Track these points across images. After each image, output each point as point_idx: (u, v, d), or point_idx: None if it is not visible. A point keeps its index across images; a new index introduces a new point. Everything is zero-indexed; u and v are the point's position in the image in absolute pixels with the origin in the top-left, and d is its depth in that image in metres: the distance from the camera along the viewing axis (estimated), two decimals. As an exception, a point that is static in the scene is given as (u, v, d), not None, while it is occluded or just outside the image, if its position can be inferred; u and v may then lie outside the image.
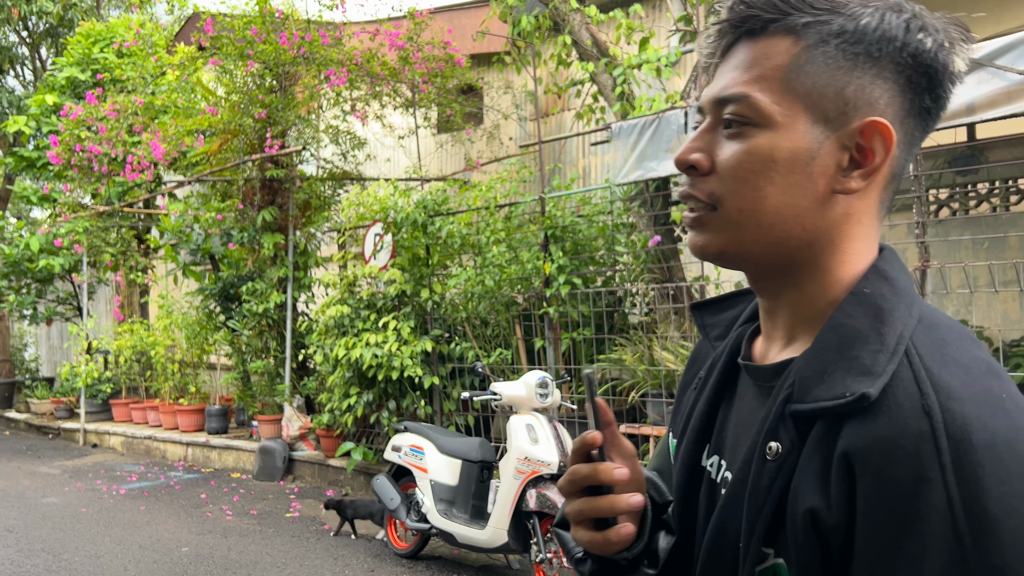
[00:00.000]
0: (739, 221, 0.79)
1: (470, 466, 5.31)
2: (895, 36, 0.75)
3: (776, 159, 0.77)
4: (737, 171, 0.78)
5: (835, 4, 0.76)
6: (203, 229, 9.70)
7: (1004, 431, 0.64)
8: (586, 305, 6.73)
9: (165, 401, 10.73)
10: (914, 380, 0.68)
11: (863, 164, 0.77)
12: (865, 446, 0.67)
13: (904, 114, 0.78)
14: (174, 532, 6.49)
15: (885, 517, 0.65)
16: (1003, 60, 4.44)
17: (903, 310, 0.75)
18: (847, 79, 0.76)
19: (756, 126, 0.78)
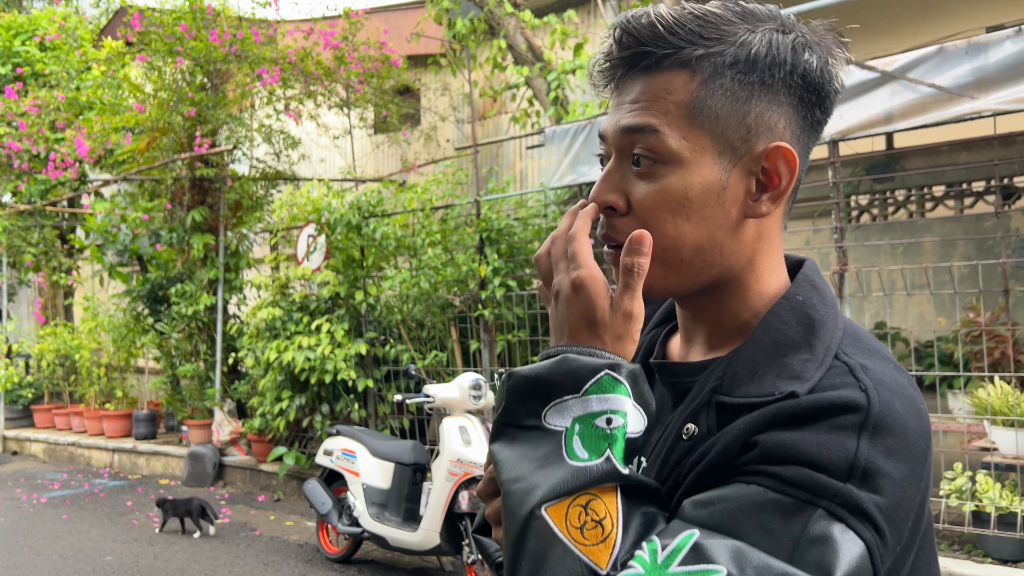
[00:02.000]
0: (662, 259, 0.81)
1: (403, 469, 5.30)
2: (784, 60, 0.78)
3: (690, 197, 0.79)
4: (654, 211, 0.80)
5: (724, 32, 0.78)
6: (130, 229, 9.43)
7: (914, 429, 0.72)
8: (521, 307, 6.78)
9: (90, 406, 10.39)
10: (848, 372, 0.74)
11: (770, 187, 0.81)
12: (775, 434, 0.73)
13: (800, 132, 0.81)
14: (97, 541, 6.30)
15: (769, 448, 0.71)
16: (916, 73, 4.64)
17: (831, 322, 0.80)
18: (746, 108, 0.79)
19: (666, 164, 0.79)
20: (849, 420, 0.70)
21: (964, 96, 4.51)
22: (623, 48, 0.81)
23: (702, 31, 0.78)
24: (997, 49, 4.45)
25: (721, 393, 0.78)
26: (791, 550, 0.66)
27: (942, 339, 5.68)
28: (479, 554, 4.46)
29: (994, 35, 4.54)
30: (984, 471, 4.54)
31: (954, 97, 4.55)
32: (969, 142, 6.35)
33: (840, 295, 5.01)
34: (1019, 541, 4.35)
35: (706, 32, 0.78)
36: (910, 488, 0.70)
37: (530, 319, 6.95)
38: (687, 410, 0.81)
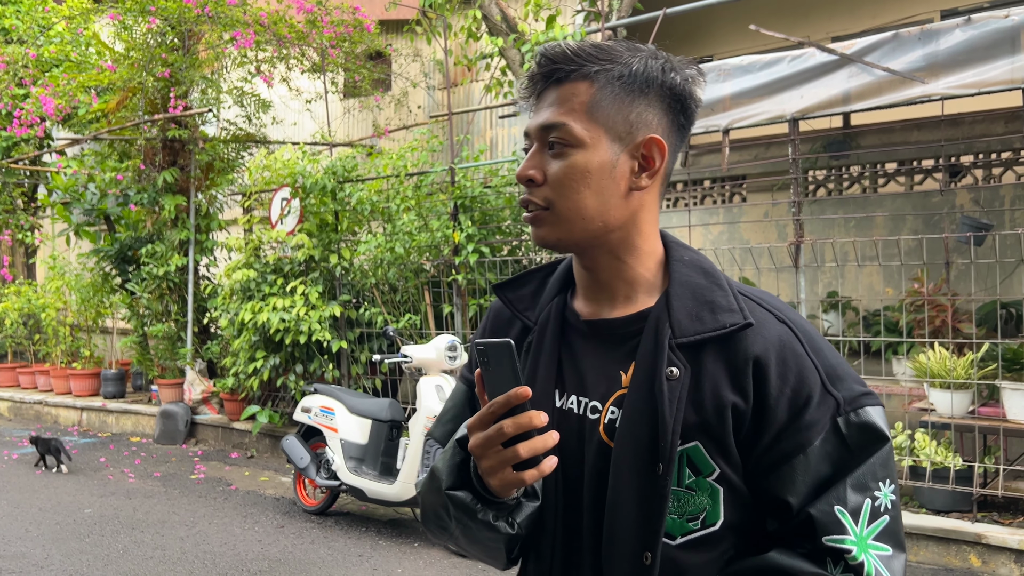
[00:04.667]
0: (568, 217, 1.07)
1: (380, 425, 5.53)
2: (656, 76, 1.07)
3: (589, 170, 1.06)
4: (563, 180, 1.06)
5: (613, 55, 1.06)
6: (99, 189, 9.40)
7: (806, 324, 1.07)
8: (493, 273, 7.00)
9: (56, 365, 10.40)
10: (758, 306, 1.06)
11: (647, 168, 1.08)
12: (765, 351, 1.01)
13: (669, 130, 1.09)
14: (74, 495, 6.44)
15: (792, 387, 1.00)
16: (872, 57, 4.92)
17: (705, 264, 1.12)
18: (629, 108, 1.06)
19: (573, 147, 1.05)
20: (798, 347, 1.04)
21: (916, 80, 4.80)
22: (541, 67, 1.09)
23: (598, 54, 1.06)
24: (948, 36, 4.75)
25: (676, 337, 1.04)
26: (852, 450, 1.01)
27: (889, 308, 6.05)
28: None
29: (945, 23, 4.83)
30: (922, 429, 4.92)
31: (907, 80, 4.84)
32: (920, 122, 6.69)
33: (796, 265, 5.33)
34: (951, 493, 4.74)
35: (601, 56, 1.07)
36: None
37: (501, 284, 7.16)
38: (654, 357, 1.05)
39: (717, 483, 1.02)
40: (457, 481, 1.05)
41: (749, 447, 1.02)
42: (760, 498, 1.03)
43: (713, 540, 1.03)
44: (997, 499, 4.84)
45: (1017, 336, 5.31)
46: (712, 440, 1.01)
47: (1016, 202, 6.39)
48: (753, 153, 7.55)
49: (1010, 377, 4.77)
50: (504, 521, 1.04)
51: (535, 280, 1.24)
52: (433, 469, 1.09)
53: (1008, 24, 4.53)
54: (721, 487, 1.02)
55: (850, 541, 0.97)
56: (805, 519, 0.99)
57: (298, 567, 4.77)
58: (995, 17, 4.59)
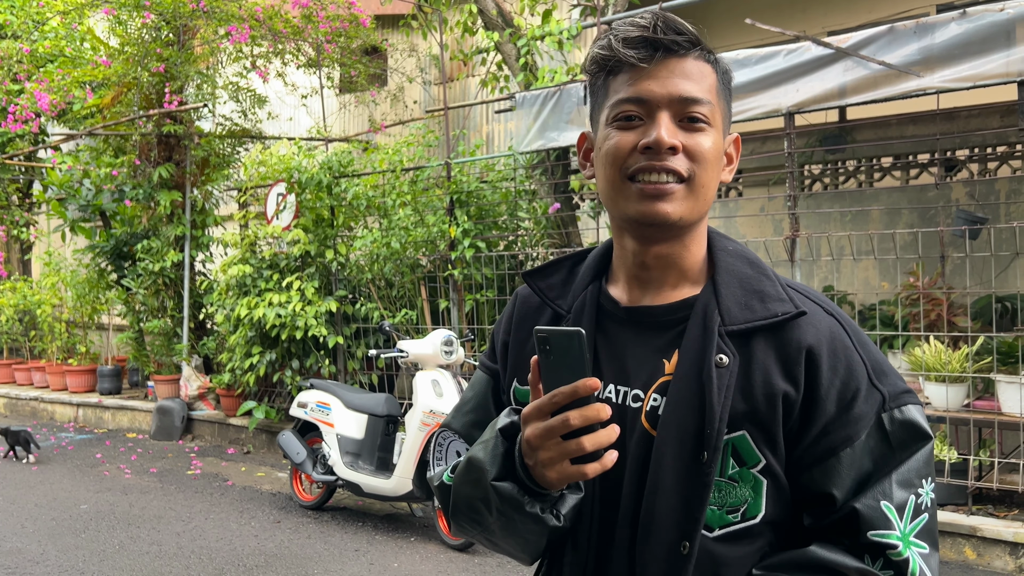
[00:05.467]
0: (702, 195, 1.06)
1: (376, 420, 5.53)
2: (732, 76, 1.12)
3: (716, 153, 1.07)
4: (708, 157, 1.05)
5: (713, 49, 1.09)
6: (94, 184, 9.38)
7: (850, 319, 1.08)
8: (489, 268, 7.00)
9: (52, 362, 10.39)
10: (806, 298, 1.07)
11: (730, 163, 1.13)
12: (818, 341, 1.02)
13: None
14: (70, 491, 6.43)
15: (841, 379, 1.01)
16: (867, 51, 4.92)
17: (746, 252, 1.12)
18: (726, 103, 1.10)
19: (710, 126, 1.06)
20: (847, 340, 1.05)
21: (911, 74, 4.80)
22: (663, 35, 1.04)
23: (706, 42, 1.08)
24: (943, 30, 4.75)
25: (726, 325, 1.04)
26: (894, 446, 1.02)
27: (884, 302, 6.06)
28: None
29: (941, 16, 4.83)
30: (917, 423, 4.92)
31: (902, 74, 4.84)
32: (916, 116, 6.69)
33: (791, 259, 5.33)
34: (946, 486, 4.75)
35: (707, 44, 1.09)
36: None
37: (498, 279, 7.17)
38: (702, 344, 1.03)
39: (761, 475, 1.01)
40: (502, 472, 1.00)
41: (796, 439, 1.02)
42: (800, 491, 1.02)
43: (752, 534, 1.02)
44: (992, 492, 4.85)
45: (1012, 330, 5.32)
46: (760, 429, 1.01)
47: (1011, 196, 6.40)
48: (749, 147, 7.55)
49: (1005, 370, 4.78)
50: (550, 513, 1.00)
51: (564, 268, 1.23)
52: (471, 460, 1.04)
53: (1003, 17, 4.53)
54: (765, 479, 1.01)
55: (895, 537, 0.97)
56: (849, 513, 0.98)
57: (294, 562, 4.77)
58: (990, 10, 4.59)
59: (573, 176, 7.19)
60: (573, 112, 6.15)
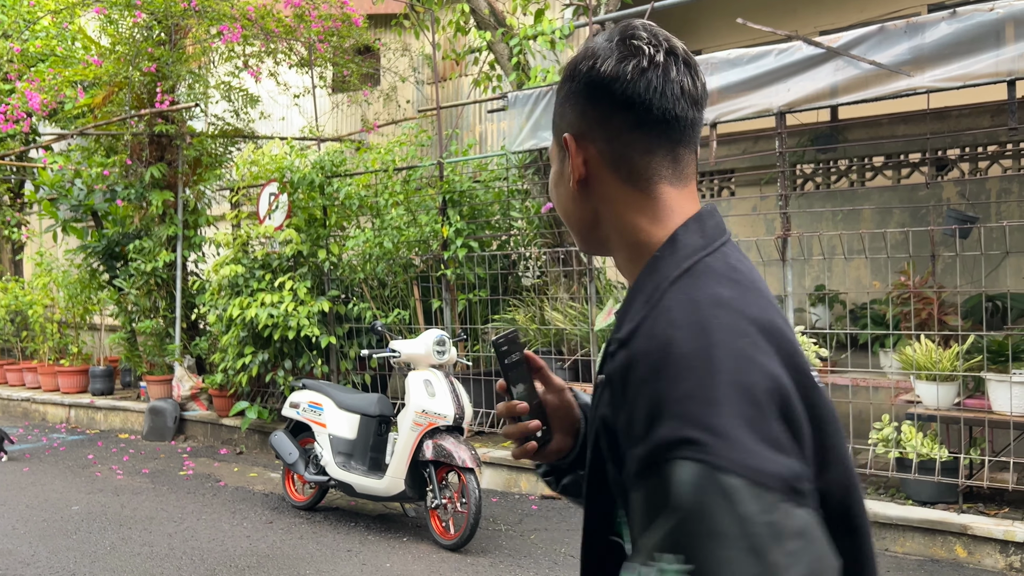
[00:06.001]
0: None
1: (368, 420, 5.52)
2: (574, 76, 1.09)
3: (555, 178, 1.10)
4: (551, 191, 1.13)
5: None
6: (86, 184, 9.34)
7: (692, 349, 0.81)
8: (482, 268, 7.00)
9: (43, 362, 10.35)
10: (660, 315, 0.86)
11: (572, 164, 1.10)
12: (611, 371, 0.89)
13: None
14: (62, 492, 6.41)
15: (626, 414, 0.85)
16: (858, 50, 4.93)
17: (670, 263, 0.92)
18: (565, 113, 1.07)
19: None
20: (642, 371, 0.85)
21: (902, 73, 4.82)
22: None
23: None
24: (933, 30, 4.77)
25: (611, 344, 0.93)
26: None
27: (875, 301, 6.08)
28: (453, 493, 4.72)
29: (931, 16, 4.84)
30: (908, 422, 4.95)
31: (893, 74, 4.85)
32: (907, 116, 6.71)
33: (783, 259, 5.34)
34: (937, 485, 4.77)
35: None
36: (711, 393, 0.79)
37: (491, 279, 7.18)
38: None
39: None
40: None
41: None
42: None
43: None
44: (983, 490, 4.87)
45: (1002, 328, 5.34)
46: (598, 453, 0.95)
47: (1002, 195, 6.43)
48: (741, 147, 7.57)
49: (995, 369, 4.80)
50: (549, 479, 1.25)
51: None
52: None
53: (993, 17, 4.55)
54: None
55: None
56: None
57: (287, 563, 4.76)
58: (980, 10, 4.61)
59: (566, 176, 7.19)
60: (565, 112, 6.14)
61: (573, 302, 6.68)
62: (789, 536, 0.74)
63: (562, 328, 6.45)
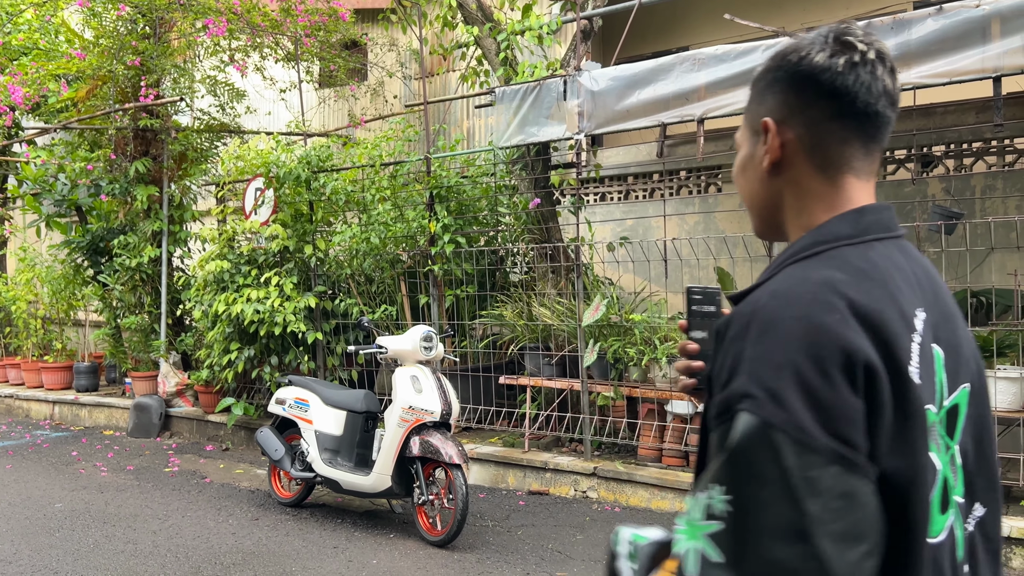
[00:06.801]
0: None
1: (355, 416, 5.49)
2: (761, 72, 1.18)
3: (742, 161, 1.21)
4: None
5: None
6: (70, 179, 9.25)
7: (776, 316, 0.91)
8: (469, 263, 6.98)
9: (27, 359, 10.26)
10: (764, 287, 0.98)
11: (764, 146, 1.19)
12: (717, 326, 0.99)
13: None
14: (45, 489, 6.35)
15: (718, 365, 0.95)
16: (845, 47, 4.93)
17: (807, 243, 1.02)
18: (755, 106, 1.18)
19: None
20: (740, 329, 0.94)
21: (888, 70, 4.82)
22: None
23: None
24: (920, 26, 4.78)
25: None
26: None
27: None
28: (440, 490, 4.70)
29: (917, 12, 4.85)
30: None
31: (879, 70, 4.86)
32: (893, 112, 6.72)
33: (770, 255, 5.35)
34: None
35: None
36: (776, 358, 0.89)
37: (478, 275, 7.16)
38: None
39: None
40: None
41: None
42: None
43: None
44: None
45: (987, 324, 5.36)
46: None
47: (987, 191, 6.46)
48: (728, 143, 7.57)
49: (980, 364, 4.81)
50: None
51: None
52: None
53: (979, 14, 4.56)
54: None
55: (680, 530, 0.91)
56: None
57: (272, 559, 4.74)
58: (966, 7, 4.62)
59: (553, 171, 7.18)
60: (553, 107, 6.13)
61: (561, 298, 6.67)
62: (832, 495, 0.83)
63: (550, 324, 6.44)
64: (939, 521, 0.94)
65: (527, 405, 6.43)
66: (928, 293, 1.01)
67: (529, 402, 6.45)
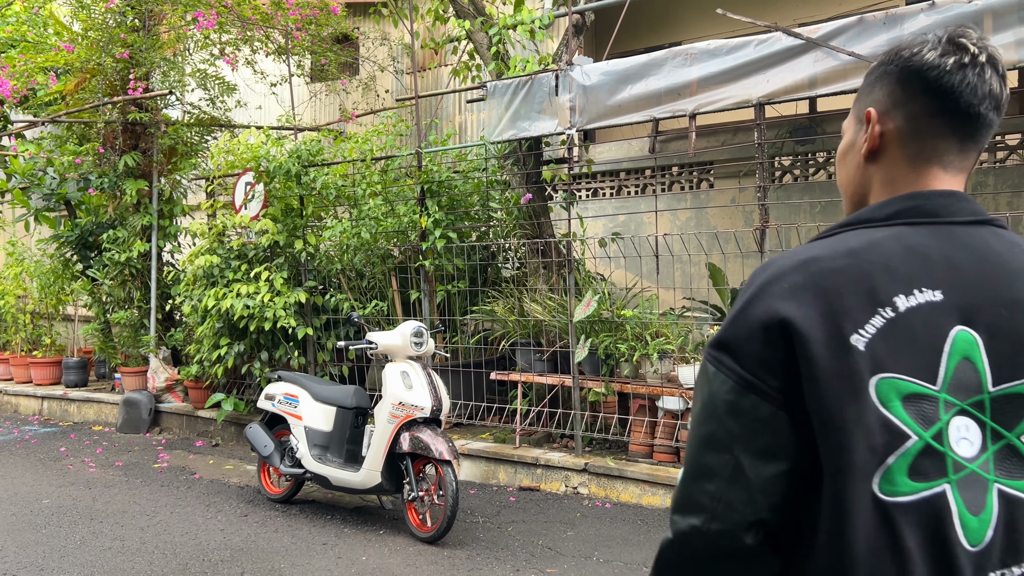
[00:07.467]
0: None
1: (345, 412, 5.46)
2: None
3: (843, 148, 1.27)
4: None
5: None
6: (58, 173, 9.18)
7: (747, 283, 1.10)
8: (461, 259, 6.95)
9: (16, 354, 10.19)
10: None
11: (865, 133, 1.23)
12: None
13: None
14: (32, 485, 6.30)
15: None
16: (837, 41, 4.92)
17: (837, 225, 1.13)
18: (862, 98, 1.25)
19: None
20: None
21: (880, 65, 4.81)
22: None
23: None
24: (912, 21, 4.76)
25: None
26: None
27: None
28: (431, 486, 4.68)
29: (910, 8, 4.84)
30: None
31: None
32: (885, 108, 6.71)
33: (761, 250, 5.33)
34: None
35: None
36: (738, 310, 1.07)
37: (470, 270, 7.13)
38: None
39: None
40: None
41: None
42: None
43: None
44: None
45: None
46: None
47: (977, 188, 6.46)
48: (720, 139, 7.56)
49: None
50: None
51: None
52: None
53: (971, 9, 4.55)
54: None
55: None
56: None
57: (261, 556, 4.71)
58: (959, 2, 4.61)
59: (545, 167, 7.15)
60: (545, 102, 6.10)
61: (552, 293, 6.65)
62: (750, 418, 1.02)
63: (541, 319, 6.42)
64: (903, 483, 0.97)
65: (518, 401, 6.42)
66: (969, 278, 1.03)
67: (520, 398, 6.43)
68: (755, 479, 1.00)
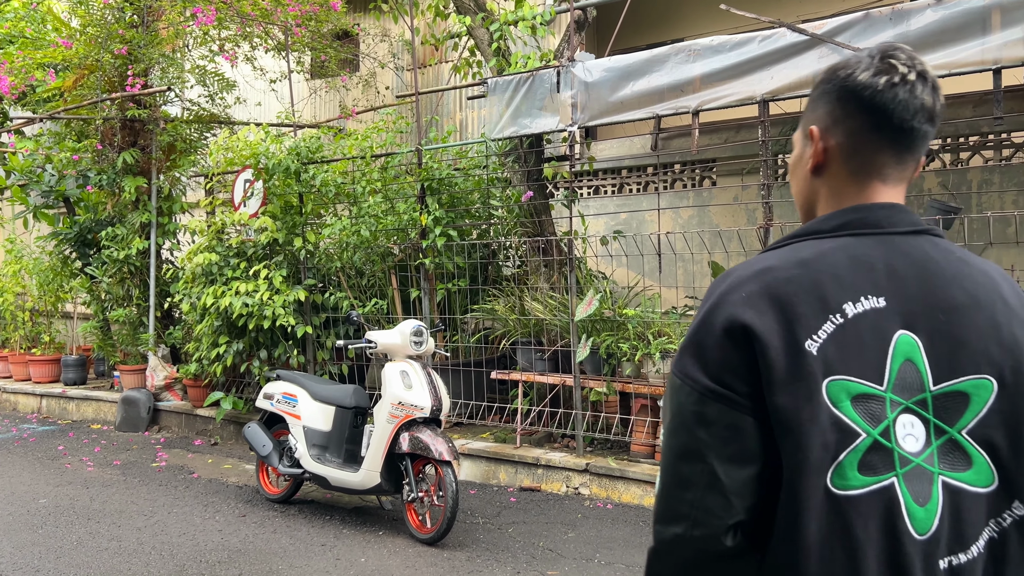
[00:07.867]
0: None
1: (344, 412, 5.41)
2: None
3: (794, 160, 1.35)
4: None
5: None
6: (57, 170, 9.13)
7: (708, 292, 1.15)
8: (461, 257, 6.90)
9: (15, 351, 10.14)
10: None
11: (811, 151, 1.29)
12: None
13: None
14: (30, 484, 6.26)
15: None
16: (843, 37, 4.86)
17: (786, 237, 1.21)
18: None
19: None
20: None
21: (886, 62, 4.75)
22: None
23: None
24: (919, 17, 4.70)
25: None
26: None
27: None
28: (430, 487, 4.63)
29: (916, 3, 4.78)
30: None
31: (877, 62, 4.78)
32: (890, 106, 6.65)
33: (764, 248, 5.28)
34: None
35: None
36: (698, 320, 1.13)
37: (470, 268, 7.08)
38: None
39: None
40: None
41: None
42: None
43: None
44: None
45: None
46: None
47: (984, 186, 6.40)
48: (723, 136, 7.50)
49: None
50: None
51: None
52: None
53: (979, 4, 4.49)
54: None
55: None
56: None
57: (259, 557, 4.66)
58: (965, -2, 4.55)
59: (546, 164, 7.10)
60: (546, 98, 6.04)
61: (553, 292, 6.60)
62: (719, 426, 1.06)
63: (542, 318, 6.36)
64: (854, 478, 1.03)
65: (519, 400, 6.36)
66: (909, 285, 1.09)
67: (521, 397, 6.38)
68: (730, 484, 1.05)
